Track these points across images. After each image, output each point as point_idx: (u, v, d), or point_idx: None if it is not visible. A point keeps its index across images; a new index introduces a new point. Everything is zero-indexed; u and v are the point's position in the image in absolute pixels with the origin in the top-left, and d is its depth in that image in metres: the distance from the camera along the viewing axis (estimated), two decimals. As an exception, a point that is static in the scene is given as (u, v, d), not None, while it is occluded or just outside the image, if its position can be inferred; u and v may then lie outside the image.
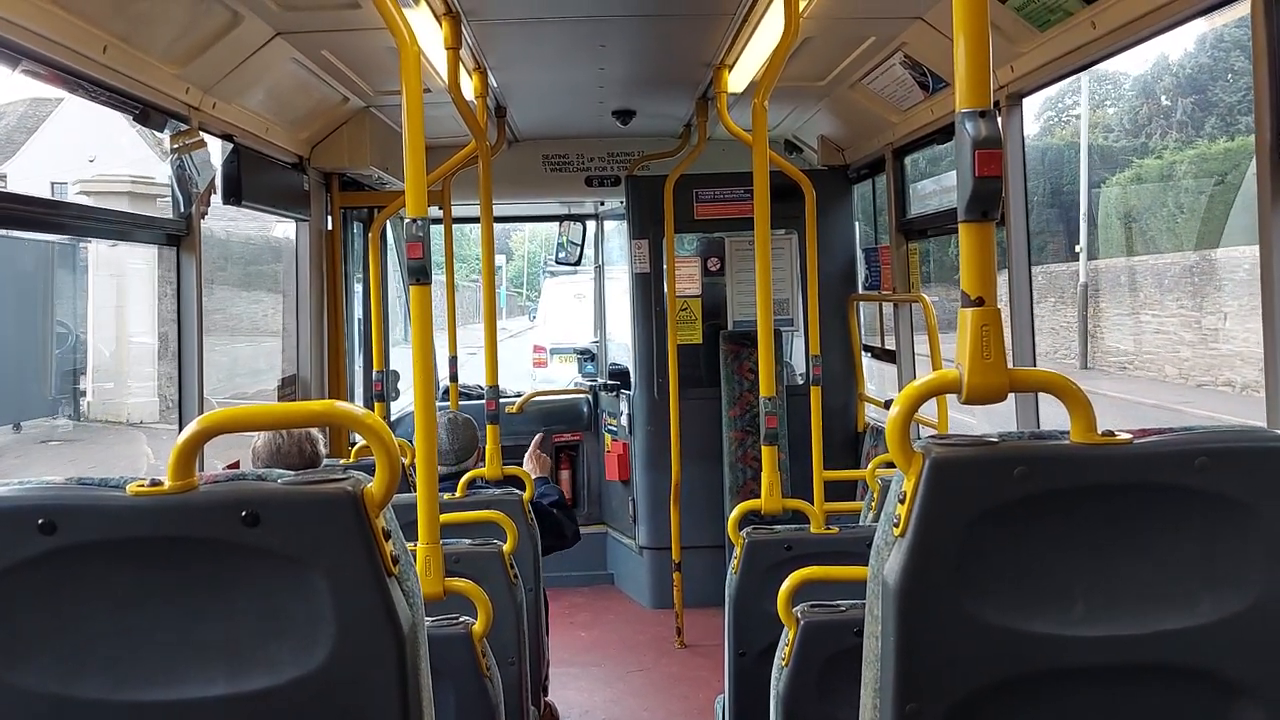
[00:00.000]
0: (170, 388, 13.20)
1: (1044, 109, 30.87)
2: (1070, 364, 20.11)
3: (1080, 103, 25.74)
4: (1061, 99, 30.26)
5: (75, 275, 14.57)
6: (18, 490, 1.50)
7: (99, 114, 14.15)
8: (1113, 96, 30.43)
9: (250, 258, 15.38)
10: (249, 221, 12.50)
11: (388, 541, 1.56)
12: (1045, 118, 30.73)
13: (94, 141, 20.98)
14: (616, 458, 7.17)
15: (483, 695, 2.52)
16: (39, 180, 18.96)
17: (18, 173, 23.01)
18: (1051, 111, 30.71)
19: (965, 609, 1.54)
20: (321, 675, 1.52)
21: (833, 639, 2.51)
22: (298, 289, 5.74)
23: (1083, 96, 25.31)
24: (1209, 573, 1.56)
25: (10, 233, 3.59)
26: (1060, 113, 30.66)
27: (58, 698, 1.50)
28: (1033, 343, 4.18)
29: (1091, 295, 20.54)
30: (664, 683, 5.68)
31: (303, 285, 5.71)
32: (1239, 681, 1.57)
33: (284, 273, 5.88)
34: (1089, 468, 1.54)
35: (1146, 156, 24.30)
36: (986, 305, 1.59)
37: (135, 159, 16.87)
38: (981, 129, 1.55)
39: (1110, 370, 19.53)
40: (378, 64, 4.73)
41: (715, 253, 6.88)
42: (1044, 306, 21.19)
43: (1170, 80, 27.44)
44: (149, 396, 14.47)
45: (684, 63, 5.09)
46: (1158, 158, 23.49)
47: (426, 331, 2.55)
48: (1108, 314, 20.23)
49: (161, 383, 14.25)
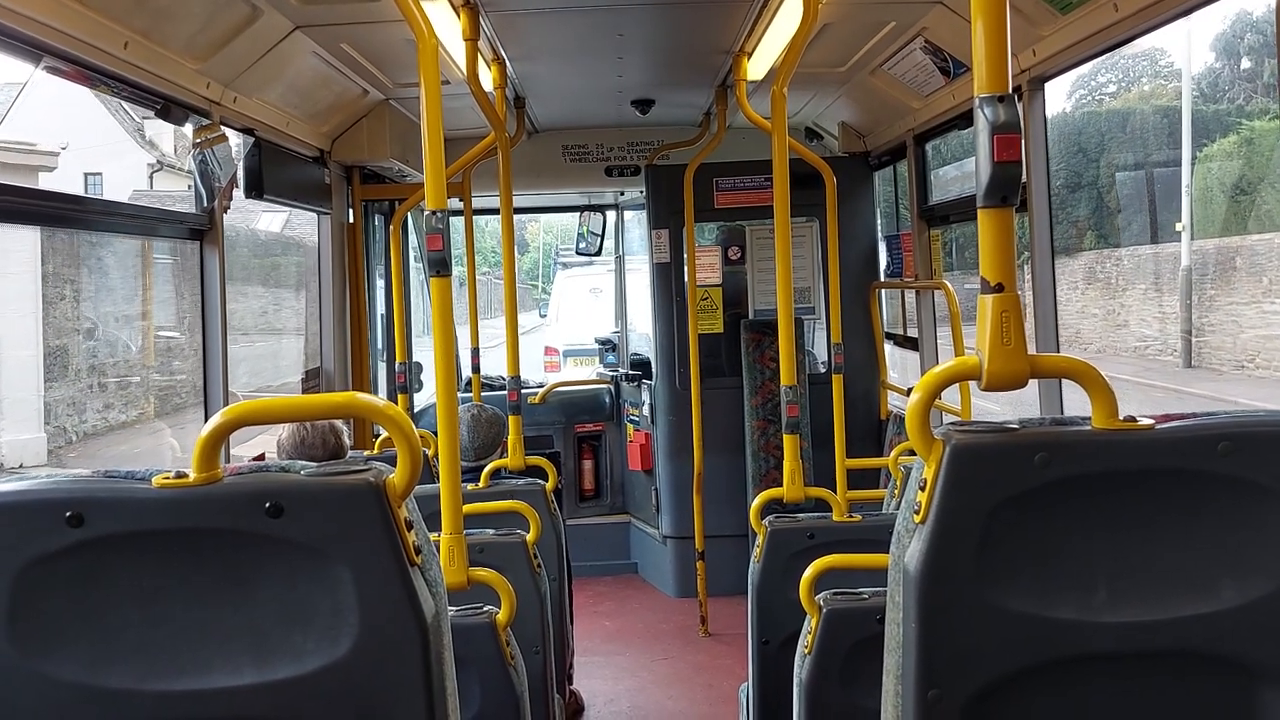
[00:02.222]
0: (71, 416, 11.45)
1: (1115, 73, 27.67)
2: (1169, 361, 18.11)
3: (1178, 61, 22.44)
4: (1151, 57, 27.01)
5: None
6: (46, 484, 1.52)
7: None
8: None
9: (250, 250, 14.87)
10: (236, 214, 11.88)
11: (410, 532, 1.57)
12: (1120, 81, 27.78)
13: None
14: (639, 447, 7.18)
15: (507, 684, 2.54)
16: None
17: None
18: (1118, 77, 27.51)
19: (986, 595, 1.54)
20: (346, 664, 1.54)
21: (855, 626, 2.51)
22: (320, 282, 5.77)
23: (1185, 48, 22.37)
24: (1232, 558, 1.55)
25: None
26: (1125, 81, 27.32)
27: (86, 687, 1.52)
28: (1055, 329, 4.15)
29: (1196, 281, 17.68)
30: (688, 671, 5.69)
31: (325, 278, 5.74)
32: (1262, 667, 1.56)
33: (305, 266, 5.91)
34: (1111, 453, 1.53)
35: (1258, 119, 21.25)
36: (1006, 291, 1.59)
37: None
38: (1000, 114, 1.55)
39: (1222, 369, 17.10)
40: (397, 56, 4.74)
41: (736, 241, 6.87)
42: (1132, 294, 19.70)
43: (1255, 38, 24.33)
44: (33, 431, 11.07)
45: (702, 51, 5.08)
46: (1275, 119, 20.56)
47: (447, 323, 2.56)
48: (1218, 303, 17.37)
49: (59, 410, 11.32)
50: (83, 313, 11.98)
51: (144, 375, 13.23)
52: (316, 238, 5.80)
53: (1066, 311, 20.53)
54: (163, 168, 26.60)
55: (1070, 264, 21.84)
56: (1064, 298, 19.50)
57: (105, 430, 12.12)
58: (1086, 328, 21.52)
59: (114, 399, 12.51)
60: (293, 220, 15.56)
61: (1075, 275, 21.77)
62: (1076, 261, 22.07)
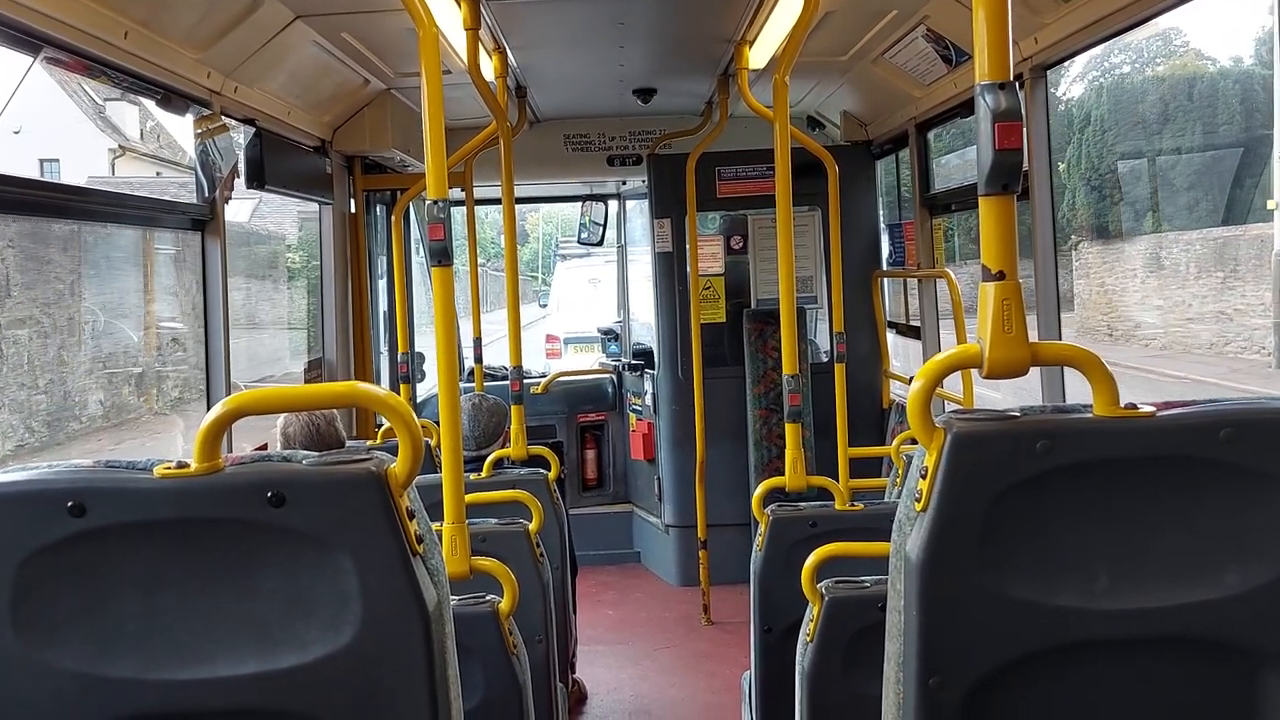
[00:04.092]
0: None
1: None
2: (1256, 360, 15.18)
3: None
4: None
5: None
6: (47, 474, 1.53)
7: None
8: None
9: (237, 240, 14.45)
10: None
11: (412, 521, 1.58)
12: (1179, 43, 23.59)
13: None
14: (641, 437, 7.19)
15: (510, 673, 2.54)
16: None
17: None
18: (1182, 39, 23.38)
19: (987, 583, 1.54)
20: (348, 653, 1.54)
21: (857, 614, 2.52)
22: (322, 272, 5.77)
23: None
24: (1234, 545, 1.55)
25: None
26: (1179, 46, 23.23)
27: (88, 677, 1.53)
28: (1058, 317, 4.15)
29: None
30: (691, 660, 5.71)
31: (327, 268, 5.74)
32: (1264, 653, 1.56)
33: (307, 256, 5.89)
34: (1112, 441, 1.53)
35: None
36: (1008, 279, 1.59)
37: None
38: (1001, 101, 1.55)
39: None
40: (398, 46, 4.73)
41: (738, 231, 6.86)
42: (1208, 283, 16.74)
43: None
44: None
45: (704, 39, 5.07)
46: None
47: (449, 312, 2.56)
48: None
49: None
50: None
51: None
52: (318, 228, 5.80)
53: (1124, 303, 18.51)
54: (125, 153, 25.43)
55: (1125, 249, 19.11)
56: (1119, 286, 18.50)
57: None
58: (1149, 321, 18.22)
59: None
60: (261, 209, 15.31)
61: (1133, 261, 18.73)
62: (1133, 246, 19.08)
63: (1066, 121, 21.18)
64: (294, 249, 15.25)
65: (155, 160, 26.29)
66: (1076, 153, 20.62)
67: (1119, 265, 18.95)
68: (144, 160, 25.49)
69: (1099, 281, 19.28)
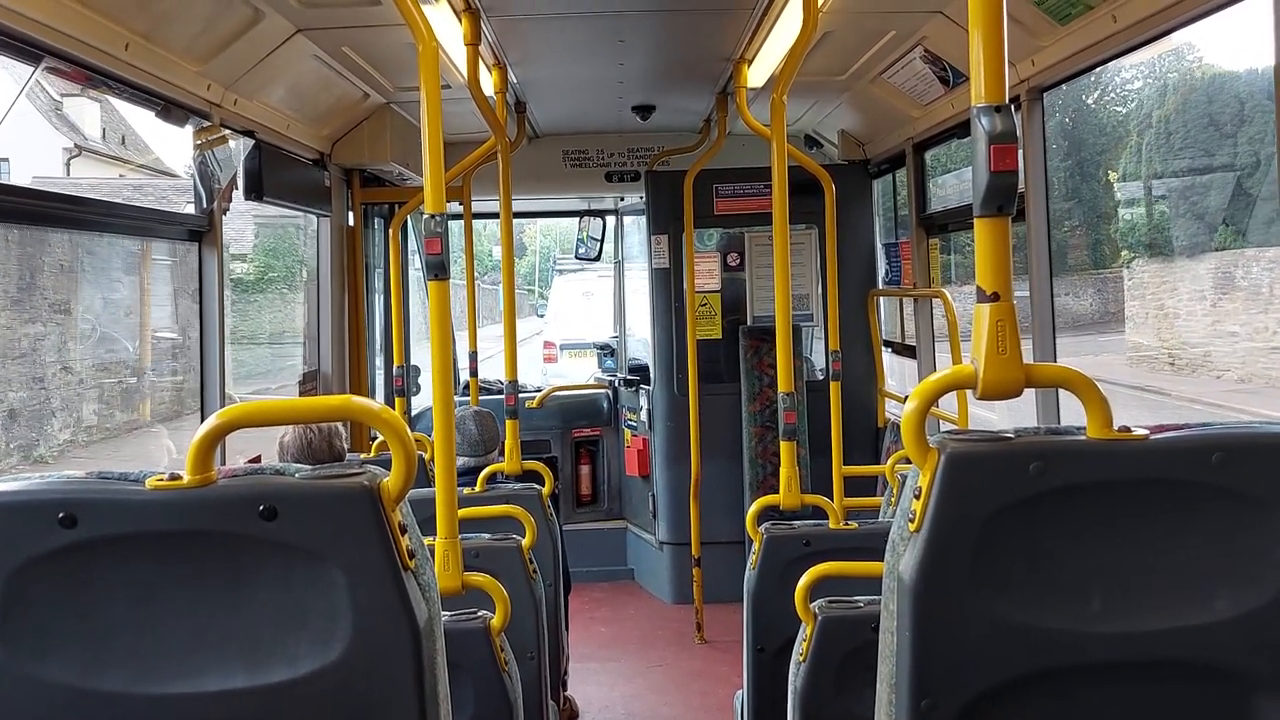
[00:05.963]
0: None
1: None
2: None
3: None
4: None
5: None
6: (39, 485, 1.52)
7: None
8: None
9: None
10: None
11: (404, 535, 1.57)
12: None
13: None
14: (636, 453, 7.18)
15: (501, 689, 2.53)
16: None
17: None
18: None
19: (980, 605, 1.54)
20: (339, 668, 1.53)
21: (850, 634, 2.51)
22: (319, 284, 5.77)
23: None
24: (1227, 569, 1.55)
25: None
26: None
27: (78, 690, 1.52)
28: (1053, 338, 4.15)
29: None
30: (683, 678, 5.69)
31: (324, 281, 5.74)
32: (1257, 677, 1.56)
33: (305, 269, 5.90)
34: (1105, 463, 1.54)
35: None
36: (1002, 300, 1.59)
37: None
38: (997, 124, 1.55)
39: None
40: (398, 60, 4.74)
41: (735, 248, 6.87)
42: (1257, 304, 14.56)
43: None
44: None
45: (703, 57, 5.09)
46: None
47: (445, 326, 2.56)
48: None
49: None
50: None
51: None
52: (315, 240, 5.81)
53: (1189, 328, 15.77)
54: (82, 153, 23.11)
55: (1193, 268, 16.33)
56: (1185, 309, 15.99)
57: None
58: (1221, 349, 15.53)
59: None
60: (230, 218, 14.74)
61: (1202, 282, 15.91)
62: (1201, 265, 16.28)
63: (1122, 123, 19.51)
64: (248, 259, 14.01)
65: (117, 161, 24.79)
66: (1135, 159, 18.87)
67: (1183, 285, 16.36)
68: (104, 161, 24.17)
69: (1157, 303, 16.67)
